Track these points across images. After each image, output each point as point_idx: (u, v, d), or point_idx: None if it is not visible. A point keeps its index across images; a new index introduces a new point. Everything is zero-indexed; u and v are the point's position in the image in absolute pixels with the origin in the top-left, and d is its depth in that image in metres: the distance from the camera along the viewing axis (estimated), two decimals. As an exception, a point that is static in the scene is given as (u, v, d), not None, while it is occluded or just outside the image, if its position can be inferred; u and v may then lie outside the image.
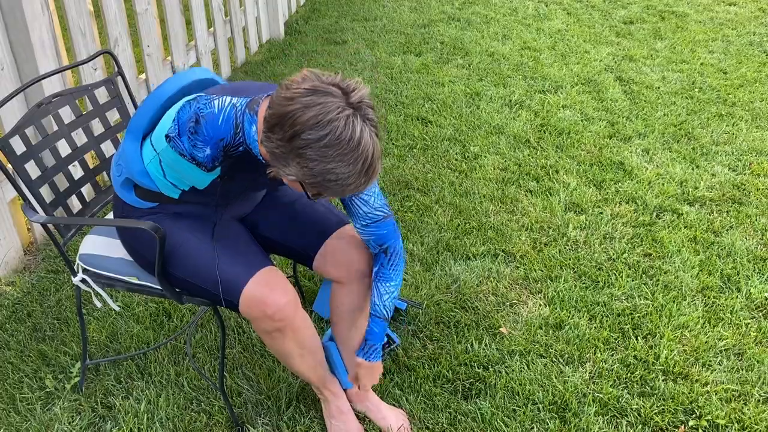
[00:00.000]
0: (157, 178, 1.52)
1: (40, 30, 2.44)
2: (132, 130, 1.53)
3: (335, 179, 1.26)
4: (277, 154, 1.27)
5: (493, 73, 4.23)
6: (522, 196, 2.91)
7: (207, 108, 1.38)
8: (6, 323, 2.22)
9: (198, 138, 1.38)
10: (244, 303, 1.55)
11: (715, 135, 3.46)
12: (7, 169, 1.66)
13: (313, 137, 1.22)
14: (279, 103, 1.25)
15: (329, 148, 1.23)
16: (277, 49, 4.71)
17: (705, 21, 5.29)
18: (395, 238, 1.65)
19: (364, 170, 1.26)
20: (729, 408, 1.89)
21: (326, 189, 1.28)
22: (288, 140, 1.24)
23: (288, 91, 1.25)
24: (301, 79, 1.26)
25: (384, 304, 1.65)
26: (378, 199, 1.59)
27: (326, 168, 1.24)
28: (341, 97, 1.24)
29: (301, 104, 1.22)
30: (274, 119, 1.25)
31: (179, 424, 1.85)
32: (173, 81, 1.53)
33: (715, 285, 2.38)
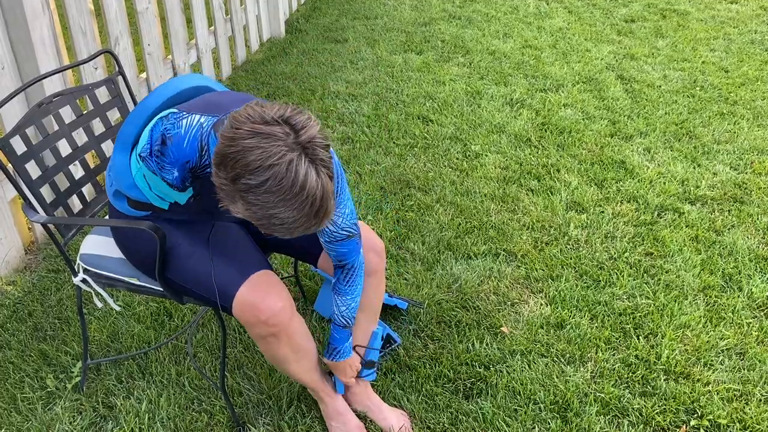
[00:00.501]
0: (145, 190, 1.50)
1: (40, 29, 2.43)
2: (120, 142, 1.49)
3: (280, 223, 1.20)
4: (224, 190, 1.21)
5: (494, 71, 4.22)
6: (523, 195, 2.91)
7: (174, 128, 1.34)
8: (7, 323, 2.22)
9: (165, 160, 1.35)
10: (237, 308, 1.54)
11: (716, 134, 3.45)
12: (8, 168, 1.65)
13: (253, 182, 1.16)
14: (222, 142, 1.18)
15: (270, 194, 1.16)
16: (278, 47, 4.70)
17: (706, 19, 5.28)
18: (355, 255, 1.62)
19: (313, 213, 1.20)
20: (731, 408, 1.89)
21: (274, 230, 1.23)
22: (231, 181, 1.18)
23: (231, 130, 1.18)
24: (245, 117, 1.18)
25: (343, 315, 1.68)
26: (347, 219, 1.55)
27: (269, 213, 1.18)
28: (286, 137, 1.17)
29: (242, 147, 1.15)
30: (218, 158, 1.19)
31: (180, 424, 1.85)
32: (161, 91, 1.49)
33: (716, 284, 2.37)
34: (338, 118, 3.60)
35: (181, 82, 1.51)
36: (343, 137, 3.39)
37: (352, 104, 3.76)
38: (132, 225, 1.51)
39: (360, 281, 1.66)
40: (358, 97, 3.85)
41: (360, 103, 3.77)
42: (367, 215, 2.76)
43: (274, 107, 1.21)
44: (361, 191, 2.93)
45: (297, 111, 1.21)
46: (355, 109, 3.70)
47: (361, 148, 3.28)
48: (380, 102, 3.78)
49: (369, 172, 3.08)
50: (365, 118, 3.58)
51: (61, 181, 2.61)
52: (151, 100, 1.47)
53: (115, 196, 1.59)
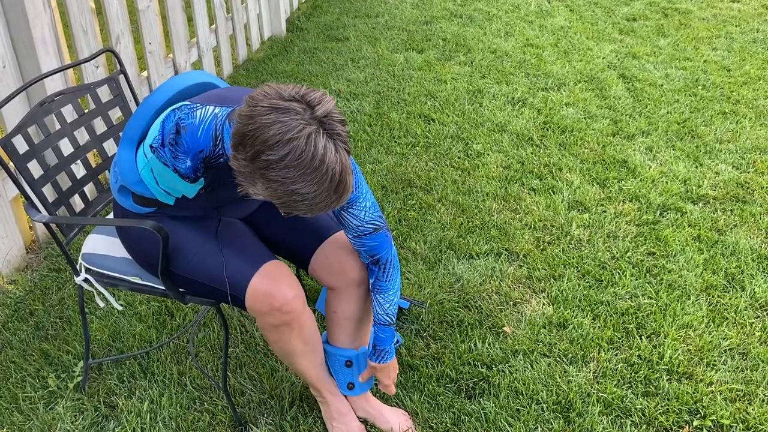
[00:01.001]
0: (151, 185, 1.50)
1: (41, 27, 2.43)
2: (126, 137, 1.50)
3: (301, 199, 1.21)
4: (243, 172, 1.22)
5: (496, 70, 4.21)
6: (525, 194, 2.90)
7: (188, 118, 1.35)
8: (8, 322, 2.21)
9: (178, 149, 1.36)
10: (250, 297, 1.54)
11: (718, 133, 3.44)
12: (10, 167, 1.65)
13: (273, 158, 1.17)
14: (240, 122, 1.19)
15: (291, 168, 1.17)
16: (279, 46, 4.69)
17: (708, 18, 5.27)
18: (387, 248, 1.61)
19: (333, 188, 1.21)
20: (734, 408, 1.89)
21: (294, 208, 1.23)
22: (251, 160, 1.19)
23: (248, 108, 1.19)
24: (262, 95, 1.20)
25: (386, 312, 1.65)
26: (370, 212, 1.54)
27: (290, 189, 1.19)
28: (304, 112, 1.18)
29: (261, 123, 1.17)
30: (237, 138, 1.20)
31: (182, 424, 1.84)
32: (166, 87, 1.49)
33: (719, 284, 2.37)
34: (340, 116, 3.60)
35: (185, 79, 1.52)
36: (345, 136, 3.39)
37: (353, 103, 3.75)
38: (135, 224, 1.50)
39: (398, 273, 1.64)
40: (360, 95, 3.85)
41: (361, 101, 3.76)
42: (368, 214, 2.75)
43: (289, 86, 1.22)
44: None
45: (311, 89, 1.22)
46: (356, 107, 3.69)
47: (363, 147, 3.28)
48: (381, 101, 3.78)
49: (370, 171, 3.07)
50: (366, 117, 3.57)
51: (63, 181, 2.60)
52: (156, 96, 1.48)
53: (120, 192, 1.59)
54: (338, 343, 1.76)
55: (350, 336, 1.76)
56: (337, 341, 1.76)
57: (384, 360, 1.70)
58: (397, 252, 1.65)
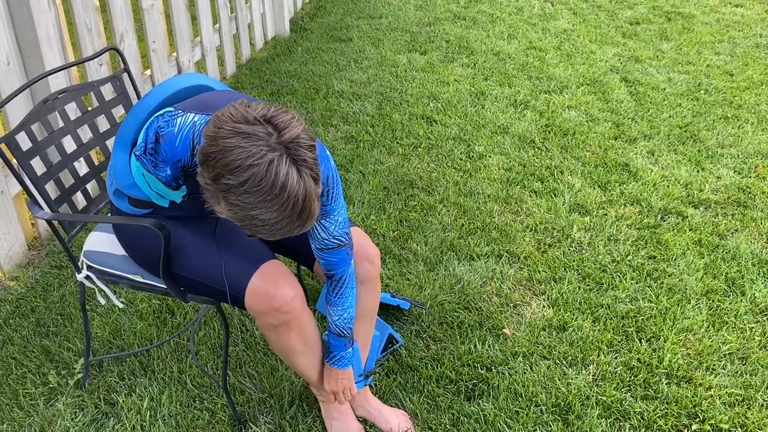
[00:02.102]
0: (144, 188, 1.50)
1: (46, 25, 2.44)
2: (120, 140, 1.49)
3: (262, 224, 1.19)
4: (209, 190, 1.21)
5: (499, 72, 4.22)
6: (526, 196, 2.90)
7: (168, 126, 1.34)
8: (10, 318, 2.22)
9: (158, 158, 1.35)
10: (250, 297, 1.54)
11: (720, 137, 3.45)
12: (13, 164, 1.66)
13: (233, 182, 1.15)
14: (205, 141, 1.17)
15: (250, 195, 1.15)
16: (282, 46, 4.70)
17: (711, 22, 5.27)
18: (345, 266, 1.59)
19: (296, 215, 1.18)
20: (732, 412, 1.89)
21: (256, 232, 1.21)
22: (213, 180, 1.18)
23: (213, 129, 1.17)
24: (227, 116, 1.17)
25: (335, 324, 1.63)
26: (339, 227, 1.53)
27: (249, 214, 1.17)
28: (268, 137, 1.15)
29: (222, 146, 1.15)
30: (201, 157, 1.18)
31: (182, 422, 1.85)
32: (160, 89, 1.48)
33: (719, 288, 2.37)
34: (342, 117, 3.60)
35: (179, 81, 1.51)
36: (347, 136, 3.39)
37: (356, 103, 3.76)
38: (137, 222, 1.51)
39: (351, 293, 1.62)
40: (362, 96, 3.85)
41: (364, 102, 3.77)
42: (370, 215, 2.76)
43: (258, 106, 1.19)
44: (364, 191, 2.93)
45: (281, 110, 1.19)
46: (359, 108, 3.70)
47: (365, 148, 3.28)
48: (384, 102, 3.78)
49: (372, 172, 3.08)
50: (369, 118, 3.58)
51: (66, 178, 2.61)
52: (149, 99, 1.47)
53: (116, 195, 1.59)
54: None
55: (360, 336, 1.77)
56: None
57: (339, 365, 1.66)
58: (354, 272, 1.62)
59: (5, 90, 2.34)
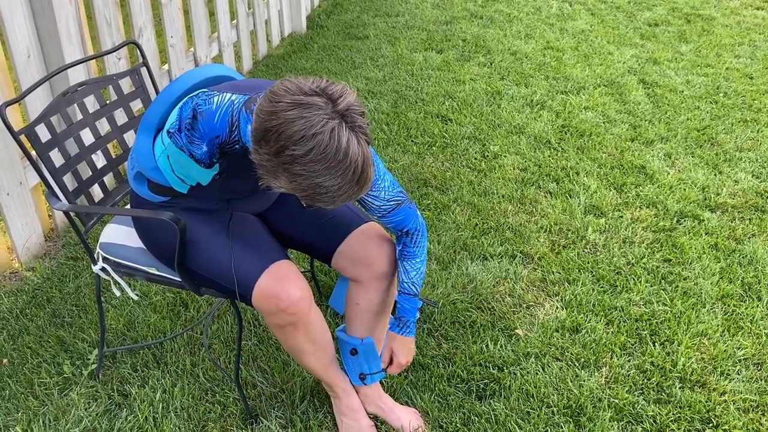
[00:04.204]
0: (166, 173, 1.52)
1: (66, 19, 2.46)
2: (144, 125, 1.52)
3: (325, 192, 1.22)
4: (265, 166, 1.24)
5: (515, 72, 4.20)
6: (541, 197, 2.89)
7: (205, 104, 1.36)
8: (26, 308, 2.24)
9: (194, 134, 1.37)
10: (256, 296, 1.55)
11: (739, 141, 3.41)
12: (32, 155, 1.67)
13: (298, 152, 1.18)
14: (262, 117, 1.21)
15: (315, 162, 1.19)
16: (299, 43, 4.71)
17: (732, 25, 5.21)
18: (414, 218, 1.63)
19: (356, 180, 1.23)
20: (747, 418, 1.87)
21: (318, 200, 1.25)
22: (274, 155, 1.21)
23: (270, 104, 1.20)
24: (283, 90, 1.21)
25: (412, 281, 1.66)
26: (389, 191, 1.56)
27: (314, 182, 1.21)
28: (326, 106, 1.19)
29: (284, 119, 1.18)
30: (259, 133, 1.21)
31: (194, 414, 1.86)
32: (186, 77, 1.52)
33: (735, 293, 2.35)
34: (357, 114, 3.60)
35: (205, 71, 1.54)
36: (362, 134, 3.39)
37: (371, 101, 3.76)
38: (153, 215, 1.52)
39: (426, 242, 1.67)
40: (378, 94, 3.85)
41: (379, 100, 3.77)
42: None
43: (309, 79, 1.23)
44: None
45: (332, 82, 1.23)
46: (374, 106, 3.70)
47: (380, 146, 3.28)
48: (399, 100, 3.78)
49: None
50: (384, 116, 3.58)
51: (83, 170, 2.63)
52: (175, 86, 1.50)
53: (136, 180, 1.61)
54: (355, 334, 1.77)
55: (367, 328, 1.77)
56: (354, 332, 1.77)
57: (406, 332, 1.69)
58: (424, 222, 1.64)
59: (25, 82, 2.36)
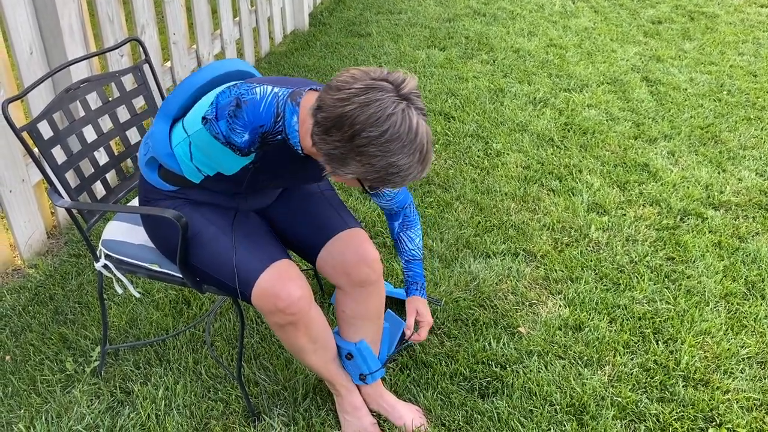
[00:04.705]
0: (182, 161, 1.53)
1: (69, 16, 2.46)
2: (163, 111, 1.55)
3: (397, 171, 1.28)
4: (334, 155, 1.28)
5: (518, 69, 4.19)
6: (544, 195, 2.88)
7: (249, 94, 1.38)
8: (28, 305, 2.24)
9: (237, 122, 1.38)
10: (256, 296, 1.55)
11: (742, 139, 3.40)
12: (34, 152, 1.67)
13: (374, 134, 1.24)
14: (333, 105, 1.25)
15: (391, 142, 1.25)
16: (302, 40, 4.70)
17: (735, 22, 5.20)
18: (407, 193, 1.81)
19: (422, 159, 1.30)
20: (750, 417, 1.87)
21: (388, 182, 1.31)
22: (348, 140, 1.25)
23: (340, 92, 1.26)
24: (352, 78, 1.27)
25: (417, 247, 1.85)
26: None
27: (389, 162, 1.26)
28: (393, 90, 1.26)
29: (358, 103, 1.24)
30: (330, 122, 1.26)
31: (196, 412, 1.86)
32: (209, 69, 1.55)
33: (738, 291, 2.34)
34: (360, 112, 3.60)
35: (228, 65, 1.57)
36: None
37: (374, 99, 3.74)
38: (156, 213, 1.52)
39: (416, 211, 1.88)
40: (381, 91, 3.84)
41: (382, 97, 3.75)
42: (386, 210, 2.76)
43: (370, 69, 1.30)
44: (381, 186, 2.92)
45: (391, 71, 1.31)
46: (377, 103, 3.68)
47: (382, 143, 3.27)
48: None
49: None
50: (387, 113, 3.57)
51: (86, 167, 2.63)
52: (198, 77, 1.53)
53: (147, 166, 1.62)
54: (347, 338, 1.77)
55: (358, 333, 1.77)
56: (347, 337, 1.77)
57: (424, 294, 1.87)
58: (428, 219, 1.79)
59: (28, 79, 2.36)
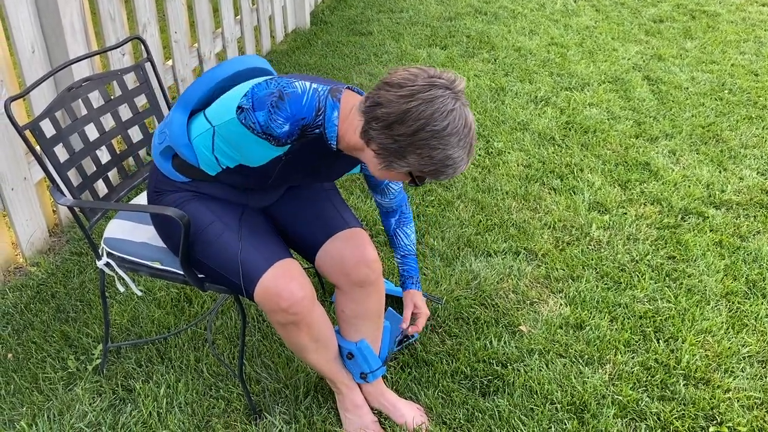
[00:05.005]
0: (201, 152, 1.54)
1: (70, 14, 2.46)
2: (183, 102, 1.57)
3: (451, 164, 1.37)
4: (392, 149, 1.35)
5: (519, 68, 4.19)
6: (545, 193, 2.89)
7: (290, 87, 1.42)
8: (30, 303, 2.25)
9: (280, 114, 1.40)
10: (259, 294, 1.55)
11: (744, 138, 3.40)
12: (36, 151, 1.67)
13: (437, 128, 1.32)
14: (397, 101, 1.33)
15: (451, 135, 1.34)
16: (303, 38, 4.70)
17: (737, 21, 5.19)
18: (404, 192, 1.90)
19: (469, 152, 1.39)
20: (751, 416, 1.87)
21: (441, 174, 1.39)
22: (411, 134, 1.33)
23: (403, 89, 1.33)
24: (412, 76, 1.35)
25: (413, 242, 1.92)
26: None
27: (446, 155, 1.35)
28: (447, 88, 1.35)
29: (422, 99, 1.32)
30: (394, 117, 1.33)
31: (197, 410, 1.86)
32: (231, 63, 1.58)
33: (739, 290, 2.34)
34: (361, 110, 3.60)
35: (250, 61, 1.61)
36: (366, 130, 3.39)
37: (375, 97, 3.75)
38: (158, 211, 1.52)
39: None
40: (382, 90, 3.84)
41: (383, 96, 3.76)
42: (387, 209, 2.76)
43: (425, 67, 1.39)
44: (382, 185, 2.93)
45: (442, 70, 1.40)
46: (378, 102, 3.69)
47: (384, 142, 3.28)
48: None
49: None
50: (388, 112, 3.57)
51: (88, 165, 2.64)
52: (218, 71, 1.56)
53: (162, 155, 1.62)
54: (347, 338, 1.78)
55: (358, 332, 1.77)
56: (347, 336, 1.78)
57: (419, 287, 1.94)
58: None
59: (30, 77, 2.36)
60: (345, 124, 1.43)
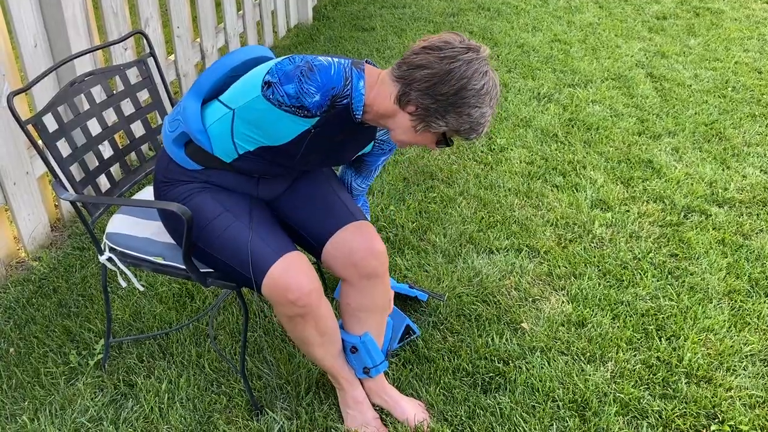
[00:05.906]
0: (217, 139, 1.55)
1: (73, 8, 2.45)
2: (195, 89, 1.58)
3: (484, 121, 1.47)
4: (433, 109, 1.43)
5: (522, 64, 4.18)
6: (548, 191, 2.88)
7: (316, 60, 1.45)
8: (32, 298, 2.25)
9: (311, 84, 1.42)
10: (267, 286, 1.55)
11: (747, 136, 3.39)
12: (39, 145, 1.67)
13: (477, 86, 1.42)
14: (438, 62, 1.40)
15: (487, 94, 1.44)
16: (305, 34, 4.69)
17: (741, 18, 5.18)
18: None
19: (493, 111, 1.49)
20: (753, 414, 1.87)
21: (473, 132, 1.47)
22: (454, 93, 1.41)
23: (443, 51, 1.41)
24: (450, 40, 1.44)
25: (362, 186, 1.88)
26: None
27: (481, 112, 1.44)
28: (479, 53, 1.44)
29: (464, 60, 1.41)
30: (436, 78, 1.40)
31: (199, 405, 1.86)
32: (241, 52, 1.61)
33: (742, 289, 2.34)
34: (363, 106, 3.59)
35: (258, 50, 1.63)
36: (368, 126, 3.38)
37: (377, 93, 3.74)
38: (161, 206, 1.52)
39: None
40: (384, 86, 3.84)
41: (386, 92, 3.75)
42: (389, 205, 2.76)
43: (453, 33, 1.46)
44: (384, 181, 2.93)
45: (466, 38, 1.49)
46: (380, 98, 3.68)
47: (386, 138, 3.27)
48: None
49: (392, 163, 3.07)
50: (390, 108, 3.56)
51: (90, 160, 2.64)
52: (230, 58, 1.59)
53: (174, 143, 1.62)
54: (351, 331, 1.77)
55: (363, 326, 1.77)
56: (351, 330, 1.77)
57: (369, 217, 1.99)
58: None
59: (32, 72, 2.36)
60: (373, 93, 1.47)
